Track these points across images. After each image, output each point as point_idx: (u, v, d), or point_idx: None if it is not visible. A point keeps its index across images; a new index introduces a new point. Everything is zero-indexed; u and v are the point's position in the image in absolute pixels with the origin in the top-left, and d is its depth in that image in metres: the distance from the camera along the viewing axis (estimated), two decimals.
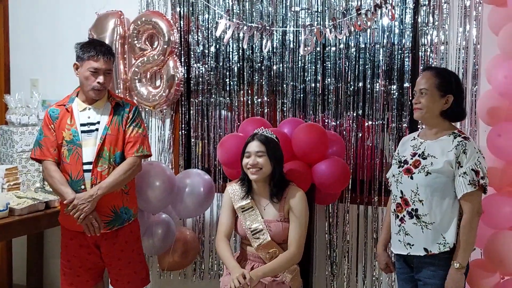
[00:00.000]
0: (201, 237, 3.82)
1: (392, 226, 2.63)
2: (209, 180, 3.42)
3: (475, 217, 2.42)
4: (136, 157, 2.87)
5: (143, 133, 2.93)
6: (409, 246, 2.51)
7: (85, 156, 2.81)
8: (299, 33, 3.43)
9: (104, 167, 2.81)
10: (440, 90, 2.48)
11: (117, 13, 3.79)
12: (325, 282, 3.56)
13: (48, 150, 2.87)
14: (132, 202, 2.95)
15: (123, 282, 2.97)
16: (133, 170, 2.86)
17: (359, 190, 3.47)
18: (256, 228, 2.79)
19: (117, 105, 2.91)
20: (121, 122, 2.88)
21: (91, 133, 2.84)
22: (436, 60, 3.22)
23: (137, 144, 2.88)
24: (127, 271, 2.95)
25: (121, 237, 2.90)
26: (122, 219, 2.89)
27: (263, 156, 2.77)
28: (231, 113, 3.74)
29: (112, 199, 2.83)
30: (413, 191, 2.49)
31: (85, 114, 2.87)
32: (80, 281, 2.94)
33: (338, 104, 3.47)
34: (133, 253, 2.96)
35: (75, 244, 2.90)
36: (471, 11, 3.14)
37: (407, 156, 2.57)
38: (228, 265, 2.77)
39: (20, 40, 4.29)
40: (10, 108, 3.84)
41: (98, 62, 2.80)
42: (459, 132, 2.51)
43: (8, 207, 3.11)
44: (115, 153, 2.85)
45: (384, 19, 3.32)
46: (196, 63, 3.76)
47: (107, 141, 2.83)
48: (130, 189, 2.93)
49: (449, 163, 2.42)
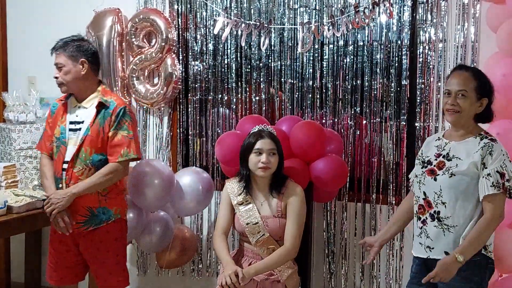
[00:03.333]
0: (199, 235, 3.82)
1: (414, 228, 2.56)
2: (207, 178, 3.42)
3: (495, 219, 2.34)
4: (118, 163, 2.80)
5: (129, 135, 2.82)
6: (429, 250, 2.45)
7: (66, 155, 2.82)
8: (297, 31, 3.43)
9: (80, 168, 2.79)
10: (478, 93, 2.39)
11: (114, 10, 3.78)
12: (323, 280, 3.56)
13: (44, 143, 2.91)
14: (113, 203, 2.89)
15: (100, 281, 2.96)
16: (114, 175, 2.80)
17: (357, 188, 3.47)
18: (253, 223, 2.79)
19: (101, 104, 2.84)
20: (103, 123, 2.81)
21: (76, 132, 2.84)
22: (434, 58, 3.22)
23: (121, 149, 2.79)
24: (102, 271, 2.93)
25: (96, 236, 2.87)
26: (100, 219, 2.86)
27: (274, 153, 2.78)
28: (229, 111, 3.73)
29: (87, 200, 2.81)
30: (436, 193, 2.42)
31: (75, 112, 2.88)
32: (57, 276, 2.96)
33: (336, 101, 3.46)
34: (108, 254, 2.90)
35: (56, 239, 2.92)
36: (469, 8, 3.14)
37: (431, 156, 2.50)
38: (223, 260, 2.77)
39: (17, 38, 4.28)
40: (7, 105, 3.83)
41: (54, 57, 2.85)
42: (486, 134, 2.42)
43: (6, 204, 3.11)
44: (92, 155, 2.80)
45: (382, 17, 3.32)
46: (194, 60, 3.75)
47: (86, 142, 2.80)
48: (110, 191, 2.87)
49: (474, 164, 2.34)
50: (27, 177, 3.71)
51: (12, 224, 3.09)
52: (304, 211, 2.83)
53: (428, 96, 3.25)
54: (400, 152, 3.35)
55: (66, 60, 2.82)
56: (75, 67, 2.83)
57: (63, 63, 2.82)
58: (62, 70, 2.83)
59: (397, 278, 3.40)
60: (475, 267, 2.37)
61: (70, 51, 2.83)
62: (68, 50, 2.83)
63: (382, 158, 3.42)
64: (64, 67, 2.82)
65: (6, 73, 4.34)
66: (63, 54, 2.83)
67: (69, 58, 2.83)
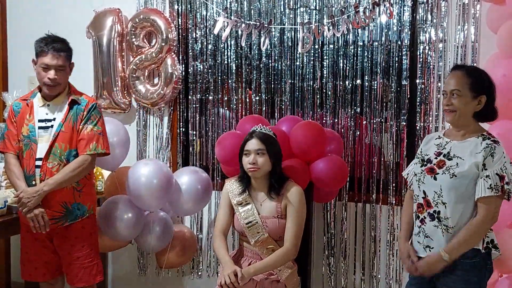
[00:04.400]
0: (198, 235, 3.82)
1: (414, 226, 2.54)
2: (206, 178, 3.42)
3: (487, 222, 2.32)
4: (87, 155, 2.85)
5: (98, 130, 2.88)
6: (428, 249, 2.43)
7: (38, 152, 2.82)
8: (297, 31, 3.43)
9: (54, 164, 2.81)
10: (473, 91, 2.35)
11: (115, 10, 3.78)
12: (323, 280, 3.56)
13: (10, 143, 2.90)
14: (87, 199, 2.94)
15: (72, 276, 2.96)
16: (83, 168, 2.84)
17: (357, 188, 3.47)
18: (252, 223, 2.79)
19: (73, 102, 2.89)
20: (75, 119, 2.86)
21: (47, 130, 2.85)
22: (435, 58, 3.22)
23: (90, 142, 2.85)
24: (76, 266, 2.94)
25: (72, 232, 2.90)
26: (75, 215, 2.89)
27: (263, 154, 2.77)
28: (229, 111, 3.73)
29: (63, 195, 2.83)
30: (436, 193, 2.39)
31: (44, 110, 2.88)
32: (38, 273, 2.97)
33: (336, 102, 3.47)
34: (83, 249, 2.94)
35: (31, 238, 2.92)
36: (470, 9, 3.14)
37: (431, 155, 2.48)
38: (222, 260, 2.78)
39: (18, 38, 4.28)
40: (7, 105, 3.83)
41: (47, 58, 2.81)
42: (488, 135, 2.39)
43: (6, 204, 3.11)
44: (67, 151, 2.83)
45: (382, 17, 3.32)
46: (194, 60, 3.75)
47: (59, 138, 2.82)
48: (84, 186, 2.91)
49: (475, 165, 2.31)
50: None
51: (12, 224, 3.09)
52: (304, 212, 2.83)
53: (428, 96, 3.25)
54: (400, 152, 3.35)
55: (65, 62, 2.85)
56: (69, 69, 2.91)
57: (64, 65, 2.85)
58: (61, 72, 2.84)
59: (397, 278, 3.40)
60: (474, 268, 2.37)
61: (67, 54, 2.87)
62: (66, 53, 2.86)
63: (382, 158, 3.42)
64: (63, 70, 2.85)
65: (6, 73, 4.34)
66: (63, 56, 2.85)
67: (66, 61, 2.86)
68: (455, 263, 2.36)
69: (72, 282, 2.97)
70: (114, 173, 3.43)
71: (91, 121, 2.88)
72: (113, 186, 3.43)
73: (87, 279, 2.96)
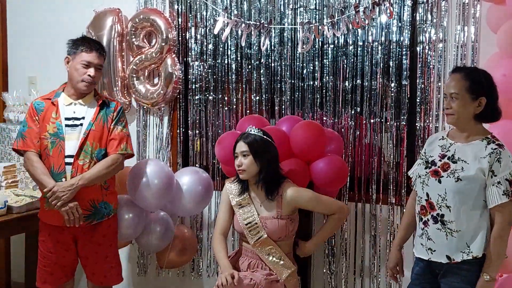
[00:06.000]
0: (199, 235, 3.82)
1: (417, 228, 2.55)
2: (207, 178, 3.42)
3: (506, 228, 2.33)
4: (119, 154, 2.91)
5: (126, 132, 2.99)
6: (431, 252, 2.44)
7: (67, 149, 2.84)
8: (297, 31, 3.43)
9: (86, 161, 2.84)
10: (472, 93, 2.35)
11: (115, 10, 3.78)
12: (323, 280, 3.56)
13: (31, 141, 2.89)
14: (112, 198, 2.99)
15: (100, 276, 2.98)
16: (116, 166, 2.90)
17: (357, 188, 3.47)
18: (251, 224, 2.79)
19: (103, 103, 2.96)
20: (106, 119, 2.92)
21: (75, 128, 2.87)
22: (435, 58, 3.22)
23: (121, 142, 2.92)
24: (104, 265, 2.97)
25: (99, 231, 2.93)
26: (102, 213, 2.92)
27: (247, 156, 2.78)
28: (229, 111, 3.73)
29: (91, 193, 2.86)
30: (440, 196, 2.39)
31: (71, 109, 2.91)
32: (53, 279, 2.98)
33: (336, 101, 3.46)
34: (111, 248, 2.99)
35: (53, 240, 2.93)
36: (470, 8, 3.14)
37: (435, 157, 2.47)
38: (220, 263, 2.79)
39: (18, 38, 4.28)
40: (8, 105, 3.84)
41: (91, 56, 2.87)
42: (493, 138, 2.38)
43: (6, 205, 3.11)
44: (97, 149, 2.88)
45: (382, 17, 3.32)
46: (194, 60, 3.75)
47: (90, 136, 2.87)
48: (110, 185, 2.97)
49: (481, 170, 2.31)
50: (27, 177, 3.70)
51: (12, 224, 3.10)
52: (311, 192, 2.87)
53: (428, 96, 3.25)
54: (400, 152, 3.35)
55: (103, 63, 2.95)
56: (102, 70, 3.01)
57: (102, 65, 2.95)
58: (99, 72, 2.92)
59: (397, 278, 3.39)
60: (476, 268, 2.37)
61: (104, 54, 2.96)
62: (105, 56, 2.97)
63: (382, 158, 3.42)
64: (101, 70, 2.94)
65: (6, 73, 4.34)
66: (102, 56, 2.94)
67: (104, 61, 2.96)
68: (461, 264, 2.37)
69: (100, 282, 2.99)
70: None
71: (120, 122, 2.96)
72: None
73: (115, 279, 3.02)
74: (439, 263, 2.42)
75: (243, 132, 2.87)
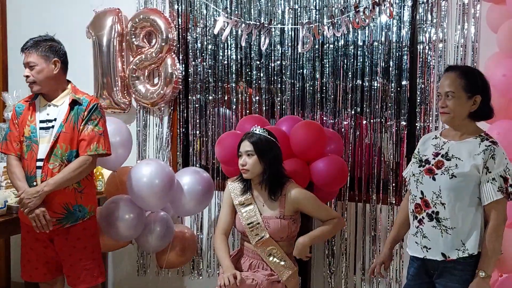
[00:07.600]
0: (199, 235, 3.82)
1: (411, 226, 2.55)
2: (207, 178, 3.41)
3: (501, 224, 2.34)
4: (88, 156, 2.83)
5: (99, 131, 2.86)
6: (426, 250, 2.43)
7: (39, 153, 2.82)
8: (297, 31, 3.43)
9: (56, 165, 2.80)
10: (467, 91, 2.35)
11: (115, 10, 3.79)
12: (323, 280, 3.56)
13: (11, 144, 2.89)
14: (88, 200, 2.93)
15: (74, 278, 2.95)
16: (84, 169, 2.83)
17: (357, 188, 3.47)
18: (254, 224, 2.79)
19: (74, 102, 2.87)
20: (76, 119, 2.84)
21: (48, 130, 2.84)
22: (435, 58, 3.22)
23: (91, 143, 2.83)
24: (78, 267, 2.93)
25: (73, 234, 2.89)
26: (76, 216, 2.88)
27: (252, 156, 2.78)
28: (229, 111, 3.73)
29: (64, 196, 2.82)
30: (435, 193, 2.39)
31: (45, 111, 2.88)
32: (38, 274, 2.97)
33: (336, 101, 3.47)
34: (85, 251, 2.93)
35: (31, 238, 2.91)
36: (470, 8, 3.14)
37: (429, 155, 2.47)
38: (222, 263, 2.78)
39: (17, 38, 4.25)
40: (7, 105, 3.83)
41: (23, 57, 2.85)
42: (486, 135, 2.39)
43: (6, 204, 3.11)
44: (68, 152, 2.82)
45: (382, 17, 3.32)
46: (194, 60, 3.75)
47: (60, 139, 2.81)
48: (85, 187, 2.90)
49: (476, 167, 2.32)
50: None
51: (12, 224, 3.09)
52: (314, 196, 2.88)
53: (428, 96, 3.25)
54: (400, 152, 3.35)
55: (38, 59, 2.83)
56: (48, 67, 2.85)
57: (36, 62, 2.83)
58: (34, 69, 2.83)
59: (397, 278, 3.40)
60: (471, 268, 2.37)
61: (42, 51, 2.84)
62: (40, 50, 2.84)
63: (382, 158, 3.42)
64: (37, 66, 2.83)
65: (6, 73, 4.34)
66: (34, 54, 2.84)
67: (41, 58, 2.84)
68: (455, 263, 2.37)
69: (74, 284, 2.95)
70: (115, 173, 3.43)
71: (92, 121, 2.86)
72: (113, 186, 3.43)
73: (89, 281, 2.95)
74: (434, 261, 2.42)
75: (248, 131, 2.87)
